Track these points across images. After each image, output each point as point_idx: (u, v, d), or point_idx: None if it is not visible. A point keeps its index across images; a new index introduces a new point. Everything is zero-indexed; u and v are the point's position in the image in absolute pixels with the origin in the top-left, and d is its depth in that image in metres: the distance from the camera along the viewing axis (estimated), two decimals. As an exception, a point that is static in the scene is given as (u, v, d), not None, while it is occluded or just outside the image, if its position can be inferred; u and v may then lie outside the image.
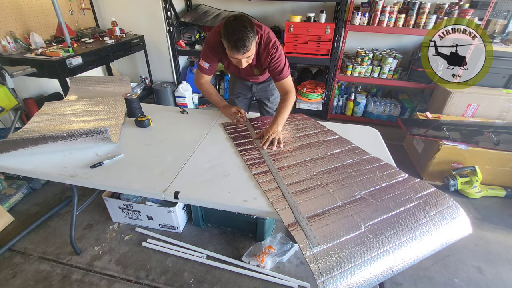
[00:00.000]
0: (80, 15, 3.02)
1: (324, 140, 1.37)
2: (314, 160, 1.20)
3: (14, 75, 1.96)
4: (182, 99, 3.26)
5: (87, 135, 1.16)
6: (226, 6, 3.29)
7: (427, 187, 1.04)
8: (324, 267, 0.75)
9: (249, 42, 1.17)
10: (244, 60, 1.27)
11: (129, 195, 1.71)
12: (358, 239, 0.83)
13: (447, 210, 0.95)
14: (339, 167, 1.16)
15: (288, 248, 1.63)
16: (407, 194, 1.01)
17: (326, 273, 0.74)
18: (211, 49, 1.40)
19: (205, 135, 1.41)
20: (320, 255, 0.78)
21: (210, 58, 1.44)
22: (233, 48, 1.18)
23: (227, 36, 1.17)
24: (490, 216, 1.95)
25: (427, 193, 1.01)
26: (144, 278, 1.50)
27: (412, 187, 1.04)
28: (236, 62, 1.30)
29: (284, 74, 1.42)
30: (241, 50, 1.18)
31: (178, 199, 1.01)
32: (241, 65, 1.29)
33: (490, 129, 2.29)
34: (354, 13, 2.66)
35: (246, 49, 1.19)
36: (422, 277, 1.53)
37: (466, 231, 0.92)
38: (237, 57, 1.23)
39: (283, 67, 1.41)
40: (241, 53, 1.20)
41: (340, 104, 3.24)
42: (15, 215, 1.86)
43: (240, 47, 1.17)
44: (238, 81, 1.79)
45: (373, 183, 1.06)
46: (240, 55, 1.21)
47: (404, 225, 0.88)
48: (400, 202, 0.97)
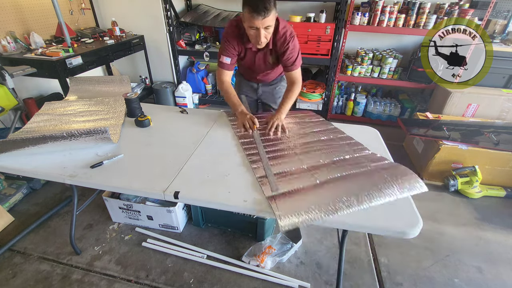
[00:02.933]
0: (80, 15, 3.02)
1: (329, 139, 1.38)
2: (306, 149, 1.27)
3: (14, 75, 1.96)
4: (182, 99, 3.26)
5: (87, 135, 1.16)
6: (226, 6, 3.29)
7: (384, 160, 1.17)
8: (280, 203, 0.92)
9: (269, 5, 1.15)
10: (263, 32, 1.24)
11: (129, 195, 1.71)
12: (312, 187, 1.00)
13: (396, 169, 1.08)
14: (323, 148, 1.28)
15: (288, 248, 1.63)
16: (363, 162, 1.15)
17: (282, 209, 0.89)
18: (229, 39, 1.41)
19: (205, 135, 1.40)
20: (278, 197, 0.96)
21: (230, 51, 1.44)
22: (253, 10, 1.15)
23: (248, 0, 1.17)
24: (490, 216, 1.95)
25: (383, 163, 1.15)
26: (144, 278, 1.50)
27: (369, 158, 1.18)
28: (255, 37, 1.27)
29: (296, 65, 1.45)
30: (262, 12, 1.15)
31: (178, 199, 1.00)
32: (260, 39, 1.27)
33: (490, 129, 2.29)
34: (354, 13, 2.66)
35: (267, 12, 1.16)
36: (422, 277, 1.54)
37: (421, 189, 0.98)
38: (256, 23, 1.19)
39: (296, 58, 1.43)
40: (262, 16, 1.16)
41: (340, 104, 3.24)
42: (15, 215, 1.86)
43: (261, 9, 1.14)
44: (245, 82, 1.79)
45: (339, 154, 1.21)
46: (260, 20, 1.17)
47: (354, 174, 1.06)
48: (355, 166, 1.12)
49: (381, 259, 1.63)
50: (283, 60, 1.44)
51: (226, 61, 1.47)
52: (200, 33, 3.29)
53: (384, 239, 1.74)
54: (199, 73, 3.43)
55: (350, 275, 1.53)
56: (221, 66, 1.50)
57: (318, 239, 1.74)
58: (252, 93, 1.81)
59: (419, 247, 1.70)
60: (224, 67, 1.49)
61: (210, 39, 3.33)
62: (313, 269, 1.56)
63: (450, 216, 1.94)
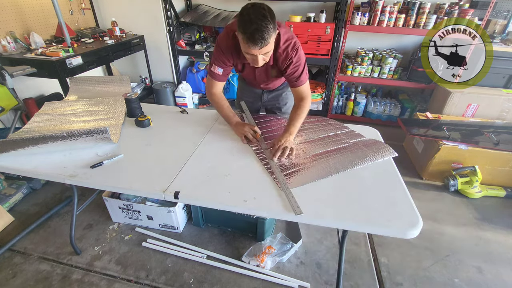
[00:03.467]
0: (80, 15, 3.02)
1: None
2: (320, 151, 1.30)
3: (14, 75, 1.96)
4: (182, 99, 3.26)
5: (87, 135, 1.16)
6: (226, 6, 3.29)
7: (361, 136, 1.37)
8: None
9: (268, 35, 1.00)
10: (261, 57, 1.10)
11: (129, 195, 1.71)
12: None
13: (372, 142, 1.31)
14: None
15: (288, 248, 1.63)
16: (344, 139, 1.35)
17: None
18: (224, 51, 1.25)
19: (205, 135, 1.40)
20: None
21: (223, 62, 1.28)
22: (249, 40, 1.01)
23: (243, 26, 1.00)
24: (490, 216, 1.95)
25: (362, 139, 1.35)
26: (144, 278, 1.50)
27: (350, 134, 1.40)
28: (251, 60, 1.15)
29: (302, 80, 1.28)
30: (259, 43, 1.01)
31: (178, 199, 1.00)
32: (257, 63, 1.13)
33: (490, 129, 2.29)
34: (354, 13, 2.66)
35: (265, 42, 1.01)
36: (422, 277, 1.54)
37: (392, 154, 1.23)
38: (253, 52, 1.06)
39: (302, 72, 1.26)
40: (258, 47, 1.02)
41: (340, 104, 3.24)
42: (15, 215, 1.86)
43: (258, 39, 0.99)
44: (248, 89, 1.65)
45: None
46: (257, 50, 1.04)
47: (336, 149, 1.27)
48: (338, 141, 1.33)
49: (381, 259, 1.63)
50: (286, 75, 1.28)
51: (218, 72, 1.30)
52: (200, 33, 3.30)
53: (384, 239, 1.74)
54: (199, 73, 3.43)
55: (350, 275, 1.53)
56: (212, 76, 1.33)
57: (318, 239, 1.74)
58: (256, 99, 1.67)
59: (419, 247, 1.70)
60: (215, 78, 1.33)
61: (210, 39, 3.33)
62: (313, 269, 1.56)
63: (450, 216, 1.94)
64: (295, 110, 1.31)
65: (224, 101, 1.42)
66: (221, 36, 1.25)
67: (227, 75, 1.34)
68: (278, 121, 1.54)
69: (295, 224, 1.82)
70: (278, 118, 1.57)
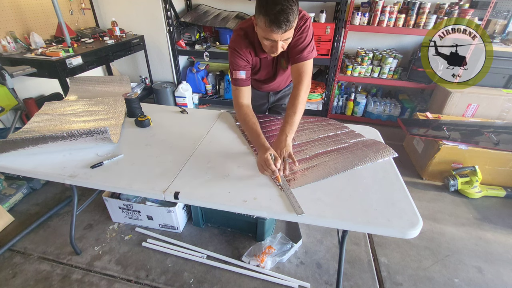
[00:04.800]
0: (80, 15, 3.02)
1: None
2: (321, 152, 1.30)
3: (14, 75, 1.96)
4: (182, 99, 3.26)
5: (87, 135, 1.16)
6: (226, 6, 3.29)
7: (361, 136, 1.38)
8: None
9: (293, 17, 0.94)
10: (281, 43, 1.03)
11: (129, 195, 1.71)
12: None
13: (372, 142, 1.31)
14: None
15: (288, 248, 1.63)
16: (344, 139, 1.35)
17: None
18: (240, 52, 1.18)
19: (205, 135, 1.40)
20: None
21: (244, 64, 1.21)
22: (272, 23, 0.94)
23: (266, 8, 0.93)
24: (490, 216, 1.95)
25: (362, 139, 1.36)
26: (144, 278, 1.50)
27: (350, 134, 1.40)
28: (270, 47, 1.07)
29: (305, 55, 1.15)
30: (283, 25, 0.94)
31: (178, 199, 1.00)
32: (276, 50, 1.06)
33: (490, 129, 2.29)
34: (354, 13, 2.66)
35: (290, 25, 0.95)
36: (422, 277, 1.54)
37: (392, 155, 1.22)
38: (274, 37, 0.99)
39: (307, 45, 1.15)
40: (282, 30, 0.96)
41: (340, 104, 3.24)
42: (15, 215, 1.86)
43: (283, 21, 0.93)
44: (254, 93, 1.54)
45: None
46: (279, 34, 0.97)
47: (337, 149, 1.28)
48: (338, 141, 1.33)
49: (381, 259, 1.63)
50: (290, 48, 1.17)
51: (241, 76, 1.20)
52: (200, 33, 3.30)
53: (384, 239, 1.74)
54: (199, 73, 3.43)
55: (350, 275, 1.53)
56: (237, 83, 1.22)
57: (318, 239, 1.74)
58: (262, 103, 1.65)
59: (419, 247, 1.70)
60: (240, 83, 1.22)
61: (210, 39, 3.34)
62: (313, 269, 1.56)
63: (450, 216, 1.94)
64: (291, 101, 1.18)
65: (251, 116, 1.23)
66: (233, 40, 1.21)
67: (249, 77, 1.26)
68: (279, 121, 1.54)
69: (295, 224, 1.82)
70: (278, 119, 1.57)
